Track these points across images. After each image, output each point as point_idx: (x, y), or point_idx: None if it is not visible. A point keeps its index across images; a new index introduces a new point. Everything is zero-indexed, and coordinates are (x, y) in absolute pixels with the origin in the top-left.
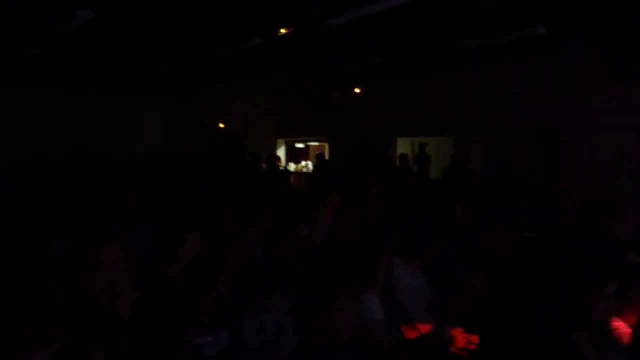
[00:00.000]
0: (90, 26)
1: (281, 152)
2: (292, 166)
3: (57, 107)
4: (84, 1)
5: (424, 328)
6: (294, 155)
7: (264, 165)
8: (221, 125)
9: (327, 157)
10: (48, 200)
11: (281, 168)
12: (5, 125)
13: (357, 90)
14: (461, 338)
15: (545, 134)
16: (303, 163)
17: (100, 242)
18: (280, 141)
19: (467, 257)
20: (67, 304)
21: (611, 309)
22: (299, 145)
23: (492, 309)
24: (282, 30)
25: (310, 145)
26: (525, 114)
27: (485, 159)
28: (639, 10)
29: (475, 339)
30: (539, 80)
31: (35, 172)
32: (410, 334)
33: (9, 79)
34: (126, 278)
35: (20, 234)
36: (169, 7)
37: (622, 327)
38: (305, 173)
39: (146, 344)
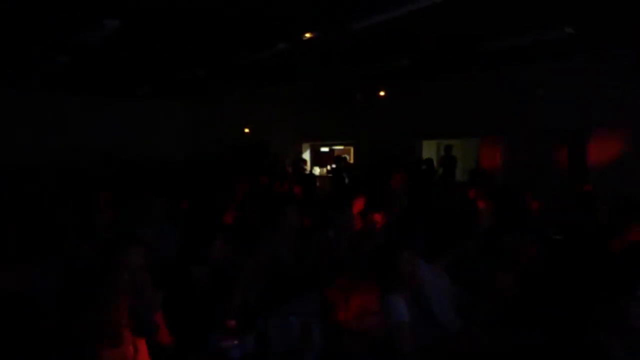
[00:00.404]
0: (116, 34)
1: (306, 156)
2: (317, 170)
3: (85, 113)
4: (110, 11)
5: None
6: (319, 159)
7: (290, 170)
8: (246, 130)
9: (351, 160)
10: (75, 205)
11: (306, 172)
12: (31, 129)
13: (381, 93)
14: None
15: (573, 135)
16: (328, 167)
17: (125, 245)
18: (305, 145)
19: (493, 259)
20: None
21: None
22: (324, 149)
23: (520, 311)
24: (307, 35)
25: (335, 149)
26: (553, 115)
27: (512, 161)
28: None
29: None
30: (566, 81)
31: (63, 177)
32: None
33: (36, 85)
34: (151, 281)
35: (46, 238)
36: (194, 13)
37: None
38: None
39: (172, 346)
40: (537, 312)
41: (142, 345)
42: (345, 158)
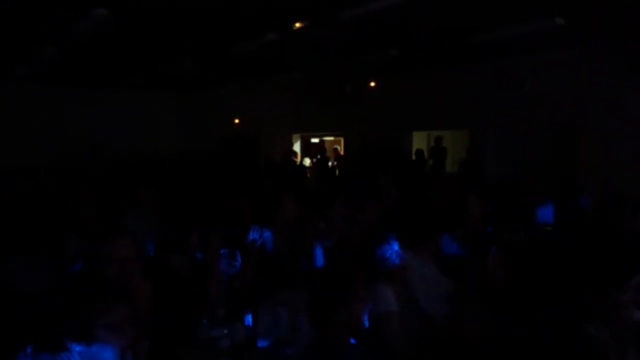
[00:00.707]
0: (104, 24)
1: (297, 148)
2: (307, 161)
3: (70, 105)
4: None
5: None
6: (309, 151)
7: (280, 161)
8: (236, 121)
9: (341, 151)
10: (64, 199)
11: (297, 163)
12: (18, 123)
13: (372, 84)
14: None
15: (563, 129)
16: (314, 159)
17: (112, 237)
18: (295, 136)
19: (484, 249)
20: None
21: (636, 302)
22: (314, 140)
23: (508, 301)
24: (297, 25)
25: (325, 140)
26: (543, 107)
27: (502, 153)
28: None
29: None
30: (556, 74)
31: (50, 171)
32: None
33: (23, 77)
34: (139, 272)
35: (38, 232)
36: (182, 3)
37: None
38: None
39: (162, 336)
40: (527, 303)
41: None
42: (336, 149)
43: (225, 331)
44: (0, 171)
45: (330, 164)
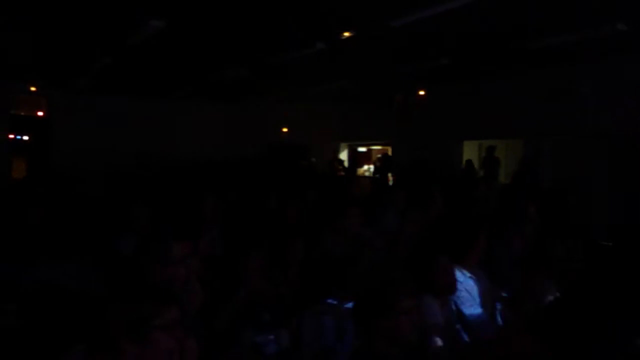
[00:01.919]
0: (158, 35)
1: (344, 156)
2: (365, 168)
3: (125, 114)
4: (155, 11)
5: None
6: (357, 159)
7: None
8: (284, 129)
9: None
10: (118, 202)
11: (342, 172)
12: (77, 131)
13: (421, 92)
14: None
15: (622, 138)
16: (365, 167)
17: (169, 239)
18: (342, 145)
19: (537, 263)
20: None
21: None
22: (362, 149)
23: (561, 316)
24: (345, 34)
25: (372, 149)
26: (600, 116)
27: (557, 164)
28: None
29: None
30: (614, 81)
31: (106, 176)
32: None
33: (81, 87)
34: (196, 274)
35: (92, 233)
36: (233, 15)
37: None
38: (367, 177)
39: (209, 339)
40: (578, 320)
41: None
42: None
43: (271, 337)
44: (59, 176)
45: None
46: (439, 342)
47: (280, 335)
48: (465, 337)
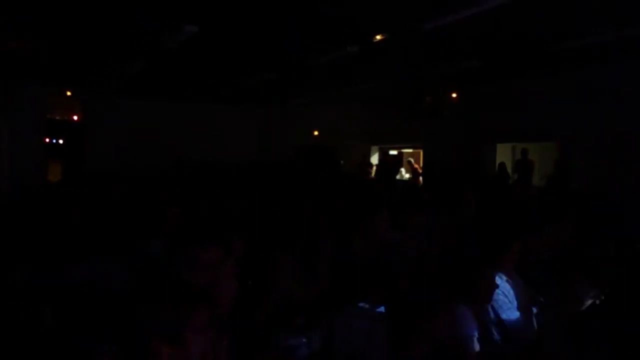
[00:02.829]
0: (192, 39)
1: (374, 159)
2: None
3: (158, 117)
4: (189, 16)
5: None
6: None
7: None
8: (315, 132)
9: (415, 164)
10: (152, 205)
11: (371, 176)
12: (110, 134)
13: (453, 95)
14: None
15: None
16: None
17: (205, 243)
18: (373, 148)
19: (574, 267)
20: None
21: None
22: (392, 152)
23: (600, 320)
24: (378, 37)
25: (403, 152)
26: (636, 119)
27: (593, 166)
28: None
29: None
30: None
31: (137, 179)
32: None
33: (117, 90)
34: (231, 277)
35: (128, 236)
36: (266, 19)
37: None
38: (398, 180)
39: (241, 341)
40: (615, 328)
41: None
42: (410, 162)
43: (303, 340)
44: (94, 179)
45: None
46: (476, 348)
47: (312, 338)
48: (502, 342)
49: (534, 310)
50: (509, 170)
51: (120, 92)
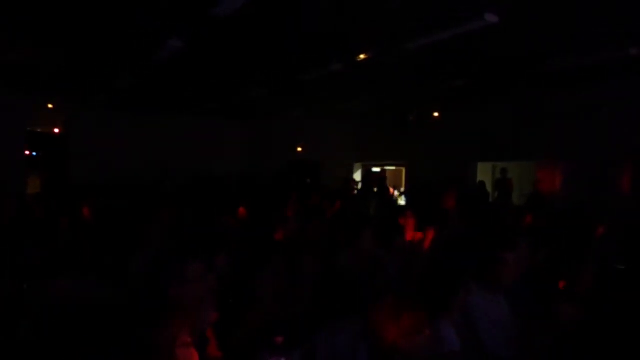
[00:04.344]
0: (177, 55)
1: (357, 176)
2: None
3: (145, 130)
4: (174, 32)
5: None
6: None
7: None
8: (299, 148)
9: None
10: (134, 218)
11: (355, 192)
12: (93, 147)
13: (435, 114)
14: None
15: (637, 162)
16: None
17: (186, 258)
18: (357, 165)
19: (549, 287)
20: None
21: None
22: (376, 169)
23: (579, 342)
24: (362, 56)
25: (386, 169)
26: (616, 137)
27: (573, 186)
28: None
29: None
30: (630, 103)
31: (124, 191)
32: None
33: (103, 104)
34: (209, 295)
35: (107, 250)
36: (252, 36)
37: None
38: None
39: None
40: (596, 346)
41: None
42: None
43: (283, 359)
44: (75, 190)
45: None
46: None
47: (294, 356)
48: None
49: (516, 331)
50: (489, 188)
51: (105, 105)
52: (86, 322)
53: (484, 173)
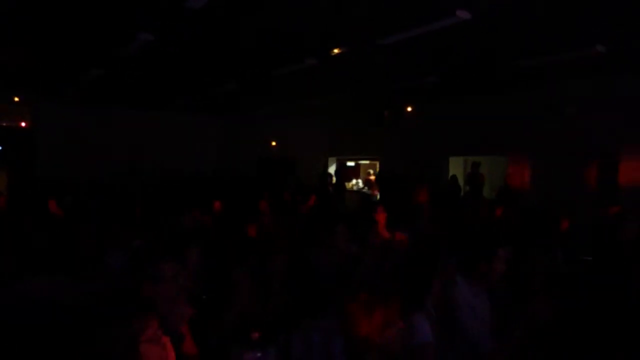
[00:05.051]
0: (149, 48)
1: (332, 170)
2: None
3: (114, 125)
4: (144, 24)
5: None
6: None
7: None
8: (273, 143)
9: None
10: (105, 215)
11: (332, 187)
12: (61, 142)
13: (409, 109)
14: None
15: (604, 157)
16: (354, 181)
17: (159, 258)
18: (331, 159)
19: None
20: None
21: None
22: (350, 163)
23: (552, 334)
24: (335, 50)
25: (360, 164)
26: (583, 134)
27: (541, 181)
28: None
29: None
30: (597, 100)
31: (93, 187)
32: None
33: (72, 97)
34: (183, 293)
35: (78, 248)
36: (224, 30)
37: None
38: (355, 191)
39: (198, 356)
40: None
41: (171, 356)
42: (369, 173)
43: (259, 355)
44: (44, 186)
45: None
46: (432, 355)
47: (268, 353)
48: (465, 351)
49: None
50: (461, 182)
51: (74, 99)
52: (59, 322)
53: (456, 167)
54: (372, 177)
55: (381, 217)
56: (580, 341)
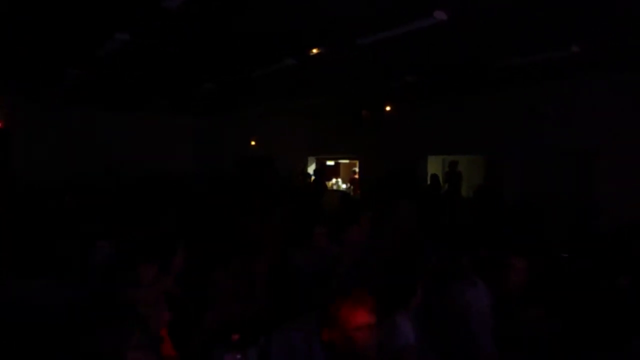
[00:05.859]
0: (126, 48)
1: (311, 170)
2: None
3: (91, 126)
4: (122, 25)
5: None
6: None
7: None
8: (252, 142)
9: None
10: (82, 217)
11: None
12: (38, 143)
13: (388, 108)
14: None
15: (582, 155)
16: (333, 180)
17: (137, 261)
18: (310, 159)
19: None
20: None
21: None
22: (330, 162)
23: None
24: (314, 50)
25: (340, 163)
26: (560, 134)
27: (519, 179)
28: None
29: None
30: (575, 100)
31: (71, 189)
32: None
33: (47, 98)
34: (163, 295)
35: (62, 251)
36: (202, 30)
37: None
38: (335, 190)
39: (179, 358)
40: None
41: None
42: (354, 171)
43: (239, 356)
44: (32, 189)
45: (345, 187)
46: (414, 356)
47: (249, 354)
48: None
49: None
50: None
51: (50, 99)
52: (39, 326)
53: (435, 166)
54: (357, 176)
55: (365, 218)
56: (577, 341)
